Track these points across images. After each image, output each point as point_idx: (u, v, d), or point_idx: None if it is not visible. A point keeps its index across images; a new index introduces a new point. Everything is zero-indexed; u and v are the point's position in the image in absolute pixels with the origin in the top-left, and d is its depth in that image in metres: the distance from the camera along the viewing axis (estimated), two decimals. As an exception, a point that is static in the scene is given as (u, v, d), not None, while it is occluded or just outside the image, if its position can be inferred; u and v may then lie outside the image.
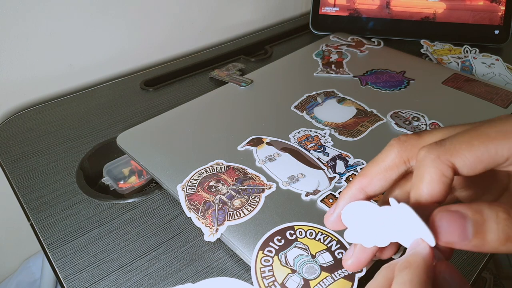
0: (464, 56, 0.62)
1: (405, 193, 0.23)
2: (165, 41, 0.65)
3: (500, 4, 0.67)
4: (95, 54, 0.58)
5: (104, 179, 0.43)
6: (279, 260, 0.29)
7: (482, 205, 0.18)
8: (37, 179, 0.41)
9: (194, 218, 0.32)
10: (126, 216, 0.36)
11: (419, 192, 0.20)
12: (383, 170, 0.22)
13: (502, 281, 0.74)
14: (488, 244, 0.18)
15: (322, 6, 0.71)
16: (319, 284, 0.27)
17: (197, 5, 0.65)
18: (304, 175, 0.36)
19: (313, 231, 0.31)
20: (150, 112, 0.50)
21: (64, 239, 0.34)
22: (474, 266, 0.32)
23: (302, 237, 0.30)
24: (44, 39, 0.52)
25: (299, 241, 0.30)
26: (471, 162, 0.19)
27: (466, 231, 0.18)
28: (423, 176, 0.20)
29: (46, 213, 0.37)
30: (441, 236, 0.18)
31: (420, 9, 0.69)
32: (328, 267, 0.28)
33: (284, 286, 0.27)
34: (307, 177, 0.36)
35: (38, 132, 0.47)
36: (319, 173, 0.36)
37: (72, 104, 0.53)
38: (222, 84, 0.53)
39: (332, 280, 0.28)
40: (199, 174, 0.36)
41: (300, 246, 0.30)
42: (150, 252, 0.33)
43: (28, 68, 0.52)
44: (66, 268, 0.32)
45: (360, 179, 0.23)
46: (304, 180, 0.36)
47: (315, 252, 0.29)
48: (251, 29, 0.76)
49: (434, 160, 0.19)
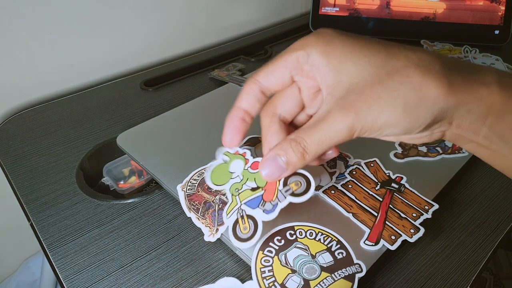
0: (464, 56, 0.62)
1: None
2: (165, 41, 0.64)
3: (500, 4, 0.67)
4: (95, 54, 0.58)
5: (104, 179, 0.43)
6: (279, 260, 0.29)
7: (283, 141, 0.26)
8: (37, 179, 0.40)
9: (194, 218, 0.32)
10: (126, 216, 0.36)
11: (238, 101, 0.28)
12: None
13: (502, 281, 0.74)
14: (297, 164, 0.25)
15: (322, 6, 0.71)
16: (319, 284, 0.27)
17: (197, 6, 0.65)
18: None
19: (313, 232, 0.31)
20: (150, 112, 0.50)
21: (64, 239, 0.34)
22: (474, 266, 0.32)
23: (302, 237, 0.30)
24: (44, 39, 0.52)
25: (299, 241, 0.30)
26: (265, 75, 0.27)
27: (281, 165, 0.26)
28: (241, 90, 0.28)
29: (46, 213, 0.37)
30: (268, 177, 0.26)
31: (420, 9, 0.69)
32: (328, 267, 0.28)
33: (284, 286, 0.27)
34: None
35: (38, 132, 0.47)
36: (320, 169, 0.36)
37: (72, 104, 0.53)
38: (222, 84, 0.53)
39: (332, 280, 0.28)
40: (199, 174, 0.36)
41: (300, 246, 0.30)
42: (150, 252, 0.33)
43: (28, 68, 0.52)
44: (66, 268, 0.32)
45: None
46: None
47: (315, 252, 0.29)
48: (251, 29, 0.76)
49: (247, 80, 0.27)
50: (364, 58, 0.24)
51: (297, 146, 0.25)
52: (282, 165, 0.26)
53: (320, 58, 0.25)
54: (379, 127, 0.24)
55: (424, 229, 0.31)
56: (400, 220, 0.32)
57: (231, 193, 0.29)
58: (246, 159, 0.30)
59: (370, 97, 0.23)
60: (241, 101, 0.28)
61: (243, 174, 0.30)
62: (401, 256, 0.32)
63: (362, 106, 0.23)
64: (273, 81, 0.27)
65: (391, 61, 0.23)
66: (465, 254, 0.33)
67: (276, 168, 0.26)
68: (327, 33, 0.25)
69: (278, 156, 0.26)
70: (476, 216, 0.36)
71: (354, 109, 0.23)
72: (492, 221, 0.36)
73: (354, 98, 0.23)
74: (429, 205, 0.33)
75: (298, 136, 0.25)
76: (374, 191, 0.34)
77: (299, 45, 0.26)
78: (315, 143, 0.25)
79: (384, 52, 0.24)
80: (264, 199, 0.28)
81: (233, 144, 0.29)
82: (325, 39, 0.25)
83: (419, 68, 0.23)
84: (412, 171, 0.37)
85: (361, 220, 0.32)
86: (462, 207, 0.37)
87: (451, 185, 0.37)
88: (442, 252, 0.33)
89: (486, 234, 0.34)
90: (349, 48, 0.24)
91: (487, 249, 0.33)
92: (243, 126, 0.28)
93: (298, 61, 0.25)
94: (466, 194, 0.38)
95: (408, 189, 0.35)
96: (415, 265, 0.32)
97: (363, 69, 0.24)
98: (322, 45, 0.25)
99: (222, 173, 0.31)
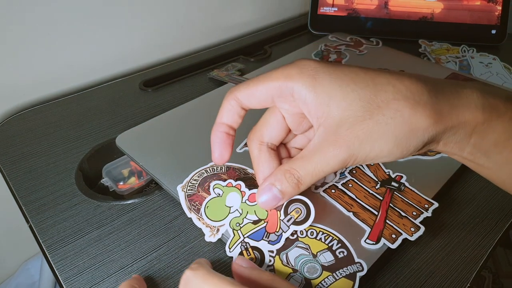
0: (462, 56, 0.62)
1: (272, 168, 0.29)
2: (164, 41, 0.64)
3: (497, 4, 0.67)
4: (94, 55, 0.57)
5: (104, 180, 0.43)
6: (280, 260, 0.29)
7: (277, 172, 0.27)
8: (36, 180, 0.40)
9: (195, 218, 0.32)
10: (126, 217, 0.36)
11: (219, 117, 0.28)
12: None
13: (501, 280, 0.74)
14: (292, 193, 0.27)
15: (320, 6, 0.71)
16: (320, 283, 0.27)
17: (197, 5, 0.65)
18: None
19: (314, 231, 0.31)
20: (149, 113, 0.50)
21: (63, 240, 0.34)
22: (473, 265, 0.32)
23: (303, 237, 0.30)
24: (42, 39, 0.52)
25: (300, 241, 0.30)
26: (245, 95, 0.27)
27: (277, 195, 0.27)
28: (221, 105, 0.28)
29: (45, 215, 0.36)
30: (265, 206, 0.28)
31: (418, 9, 0.69)
32: (330, 267, 0.28)
33: (286, 285, 0.27)
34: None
35: (37, 133, 0.47)
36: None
37: (71, 104, 0.52)
38: (222, 84, 0.53)
39: (334, 279, 0.28)
40: (199, 174, 0.36)
41: (301, 245, 0.30)
42: (151, 253, 0.33)
43: (26, 68, 0.52)
44: (66, 270, 0.32)
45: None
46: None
47: (316, 251, 0.29)
48: (250, 29, 0.76)
49: (226, 95, 0.28)
50: (353, 93, 0.24)
51: (291, 177, 0.26)
52: (278, 195, 0.27)
53: (307, 92, 0.25)
54: (371, 159, 0.25)
55: (424, 228, 0.31)
56: (400, 218, 0.32)
57: (231, 227, 0.30)
58: (242, 191, 0.31)
59: (362, 132, 0.24)
60: (222, 117, 0.28)
61: (242, 207, 0.30)
62: (402, 255, 0.32)
63: (355, 141, 0.24)
64: (253, 102, 0.27)
65: (380, 94, 0.24)
66: (465, 252, 0.33)
67: (272, 197, 0.27)
68: (310, 66, 0.25)
69: (273, 186, 0.27)
70: (475, 214, 0.36)
71: (346, 144, 0.24)
72: (491, 219, 0.36)
73: (346, 134, 0.24)
74: (429, 204, 0.33)
75: (292, 168, 0.26)
76: (374, 190, 0.35)
77: (282, 75, 0.26)
78: (309, 175, 0.25)
79: (371, 84, 0.24)
80: (268, 230, 0.29)
81: (223, 160, 0.29)
82: (310, 72, 0.25)
83: (408, 101, 0.23)
84: (412, 170, 0.37)
85: (362, 219, 0.32)
86: (461, 205, 0.37)
87: (450, 184, 0.38)
88: (442, 250, 0.33)
89: (485, 232, 0.35)
90: (336, 82, 0.24)
91: (486, 247, 0.33)
92: (229, 139, 0.29)
93: (280, 90, 0.26)
94: (465, 192, 0.38)
95: (408, 188, 0.35)
96: (415, 263, 0.32)
97: (353, 103, 0.24)
98: (307, 79, 0.25)
99: (219, 208, 0.31)
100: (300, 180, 0.26)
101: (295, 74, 0.25)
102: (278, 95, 0.26)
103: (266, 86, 0.26)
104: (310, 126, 0.29)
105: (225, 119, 0.28)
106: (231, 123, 0.28)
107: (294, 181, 0.26)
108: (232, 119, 0.28)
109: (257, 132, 0.29)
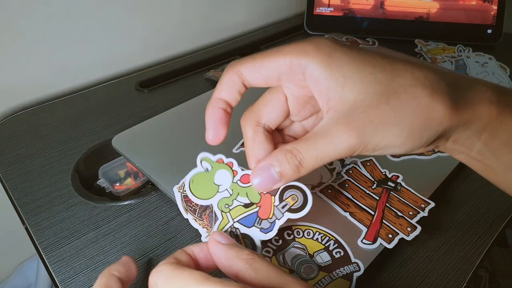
0: (458, 55, 0.62)
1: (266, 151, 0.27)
2: (160, 42, 0.64)
3: (492, 3, 0.67)
4: (89, 56, 0.57)
5: (100, 181, 0.42)
6: (277, 260, 0.29)
7: (277, 151, 0.25)
8: (32, 182, 0.40)
9: (191, 219, 0.32)
10: (122, 218, 0.36)
11: (216, 92, 0.26)
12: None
13: (497, 279, 0.75)
14: (291, 177, 0.24)
15: (316, 6, 0.71)
16: (317, 283, 0.27)
17: (192, 6, 0.65)
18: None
19: (311, 231, 0.31)
20: (145, 114, 0.50)
21: (59, 242, 0.34)
22: (470, 264, 0.32)
23: (299, 237, 0.30)
24: (37, 40, 0.51)
25: (296, 241, 0.30)
26: (250, 70, 0.25)
27: (274, 177, 0.25)
28: (220, 79, 0.26)
29: (41, 216, 0.36)
30: (260, 187, 0.26)
31: (414, 9, 0.69)
32: (326, 267, 0.28)
33: (283, 286, 0.27)
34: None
35: (32, 135, 0.47)
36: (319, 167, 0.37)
37: (67, 106, 0.52)
38: (218, 84, 0.53)
39: (330, 279, 0.28)
40: (195, 175, 0.36)
41: (298, 246, 0.30)
42: (147, 254, 0.33)
43: (21, 70, 0.52)
44: (62, 271, 0.31)
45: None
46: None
47: (313, 252, 0.29)
48: (246, 30, 0.76)
49: (227, 68, 0.25)
50: (370, 76, 0.23)
51: (293, 159, 0.24)
52: (275, 176, 0.25)
53: (321, 70, 0.23)
54: (382, 148, 0.23)
55: (420, 227, 0.31)
56: (397, 218, 0.32)
57: (219, 209, 0.27)
58: (234, 170, 0.28)
59: (376, 117, 0.22)
60: (221, 91, 0.26)
61: (232, 188, 0.28)
62: (399, 255, 0.32)
63: (368, 127, 0.22)
64: (257, 78, 0.25)
65: (397, 79, 0.22)
66: (462, 251, 0.33)
67: (269, 178, 0.25)
68: (326, 44, 0.24)
69: (272, 166, 0.25)
70: (471, 214, 0.36)
71: (358, 129, 0.22)
72: (488, 219, 0.36)
73: (359, 117, 0.22)
74: (425, 203, 0.33)
75: (295, 149, 0.24)
76: (371, 190, 0.35)
77: (294, 50, 0.24)
78: (313, 159, 0.24)
79: (389, 68, 0.23)
80: (260, 216, 0.27)
81: (218, 140, 0.27)
82: (326, 50, 0.23)
83: (426, 89, 0.22)
84: (408, 169, 0.37)
85: (358, 219, 0.32)
86: (457, 205, 0.37)
87: (446, 183, 0.38)
88: (439, 250, 0.33)
89: (482, 231, 0.35)
90: (354, 63, 0.23)
91: (483, 246, 0.33)
92: (226, 117, 0.26)
93: (291, 67, 0.24)
94: (461, 192, 0.39)
95: (404, 188, 0.35)
96: (412, 263, 0.32)
97: (370, 86, 0.22)
98: (322, 57, 0.23)
99: (206, 184, 0.28)
100: (302, 163, 0.24)
101: (311, 50, 0.23)
102: (287, 72, 0.24)
103: (276, 61, 0.24)
104: (312, 112, 0.27)
105: (224, 94, 0.26)
106: (230, 100, 0.26)
107: (295, 163, 0.24)
108: (232, 96, 0.26)
109: (254, 111, 0.27)
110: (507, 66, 0.59)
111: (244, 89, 0.26)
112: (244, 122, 0.27)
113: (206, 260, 0.25)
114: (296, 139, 0.28)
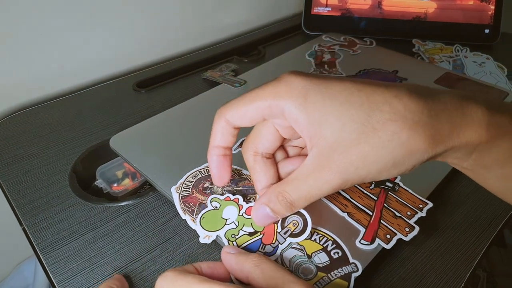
0: (455, 55, 0.63)
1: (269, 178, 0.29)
2: (158, 42, 0.64)
3: (489, 3, 0.67)
4: (87, 56, 0.57)
5: (98, 182, 0.42)
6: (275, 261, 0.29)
7: (270, 192, 0.27)
8: (29, 182, 0.40)
9: (189, 220, 0.32)
10: (120, 219, 0.36)
11: (212, 140, 0.28)
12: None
13: (495, 278, 0.75)
14: (285, 214, 0.27)
15: (314, 6, 0.71)
16: (315, 284, 0.27)
17: (190, 6, 0.65)
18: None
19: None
20: (143, 114, 0.50)
21: (57, 243, 0.34)
22: (468, 264, 0.32)
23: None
24: (34, 40, 0.51)
25: (294, 242, 0.30)
26: (236, 116, 0.26)
27: (270, 215, 0.27)
28: (212, 128, 0.28)
29: (38, 217, 0.36)
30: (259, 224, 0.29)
31: (411, 9, 0.69)
32: (324, 267, 0.28)
33: (281, 287, 0.27)
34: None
35: (29, 135, 0.47)
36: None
37: (64, 106, 0.52)
38: (216, 85, 0.53)
39: (329, 280, 0.28)
40: (193, 175, 0.36)
41: (296, 246, 0.30)
42: (145, 255, 0.32)
43: (18, 70, 0.52)
44: (60, 272, 0.31)
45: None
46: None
47: (311, 252, 0.29)
48: (244, 30, 0.76)
49: (216, 116, 0.28)
50: (347, 113, 0.23)
51: (284, 201, 0.26)
52: (271, 214, 0.27)
53: (298, 112, 0.24)
54: (368, 179, 0.24)
55: (418, 228, 0.31)
56: (395, 219, 0.32)
57: (226, 238, 0.30)
58: (240, 205, 0.31)
59: (357, 158, 0.23)
60: (215, 140, 0.28)
61: (238, 220, 0.30)
62: (397, 255, 0.32)
63: (349, 168, 0.23)
64: (244, 121, 0.26)
65: (375, 114, 0.22)
66: (460, 251, 0.33)
67: (265, 216, 0.27)
68: (300, 84, 0.24)
69: (267, 206, 0.27)
70: (469, 214, 0.36)
71: (340, 170, 0.23)
72: (485, 219, 0.36)
73: (339, 159, 0.23)
74: (423, 204, 0.33)
75: (285, 191, 0.26)
76: (369, 190, 0.35)
77: (271, 94, 0.24)
78: (302, 199, 0.26)
79: (367, 103, 0.23)
80: (264, 242, 0.29)
81: (223, 182, 0.31)
82: (300, 91, 0.24)
83: (406, 122, 0.22)
84: (406, 170, 0.37)
85: (356, 219, 0.32)
86: (455, 205, 0.37)
87: (444, 184, 0.38)
88: (437, 250, 0.33)
89: (480, 231, 0.35)
90: (329, 101, 0.23)
91: (480, 246, 0.33)
92: (226, 160, 0.29)
93: (270, 109, 0.25)
94: (459, 192, 0.39)
95: (402, 188, 0.35)
96: (410, 263, 0.32)
97: (347, 125, 0.23)
98: (297, 98, 0.23)
99: (214, 219, 0.31)
100: (293, 203, 0.26)
101: (284, 93, 0.24)
102: (269, 113, 0.25)
103: (256, 106, 0.25)
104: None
105: (218, 141, 0.28)
106: (226, 144, 0.28)
107: (287, 204, 0.26)
108: (226, 140, 0.28)
109: (250, 143, 0.28)
110: (505, 66, 0.59)
111: (236, 131, 0.28)
112: (244, 152, 0.29)
113: (212, 277, 0.26)
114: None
